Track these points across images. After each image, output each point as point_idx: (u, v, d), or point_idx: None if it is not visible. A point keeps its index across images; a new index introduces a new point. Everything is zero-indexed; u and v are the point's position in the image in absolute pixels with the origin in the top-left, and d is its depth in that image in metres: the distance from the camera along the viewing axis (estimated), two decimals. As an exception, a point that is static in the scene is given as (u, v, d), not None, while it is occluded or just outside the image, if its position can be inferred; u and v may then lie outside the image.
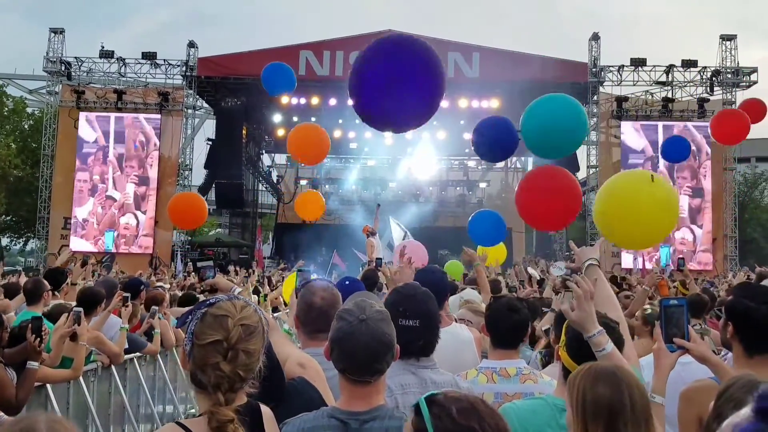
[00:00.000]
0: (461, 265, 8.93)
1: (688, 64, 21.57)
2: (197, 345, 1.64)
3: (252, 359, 1.66)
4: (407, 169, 28.36)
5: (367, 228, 12.26)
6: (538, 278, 8.43)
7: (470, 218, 7.27)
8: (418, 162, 27.03)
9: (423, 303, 2.42)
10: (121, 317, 5.21)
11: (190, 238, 24.89)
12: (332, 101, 22.40)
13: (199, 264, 6.28)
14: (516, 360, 2.83)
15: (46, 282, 5.30)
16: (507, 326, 2.85)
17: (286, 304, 11.20)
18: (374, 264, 8.26)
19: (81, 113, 22.06)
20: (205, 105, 24.91)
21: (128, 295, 5.37)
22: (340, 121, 24.23)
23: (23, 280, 6.81)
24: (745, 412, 0.95)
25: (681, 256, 19.38)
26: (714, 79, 21.49)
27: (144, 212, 22.03)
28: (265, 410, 1.83)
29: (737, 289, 2.33)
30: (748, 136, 9.93)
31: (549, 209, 5.11)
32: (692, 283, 6.80)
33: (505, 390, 2.69)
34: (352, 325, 1.89)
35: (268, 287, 10.41)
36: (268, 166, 29.38)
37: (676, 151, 10.67)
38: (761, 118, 9.73)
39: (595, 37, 22.10)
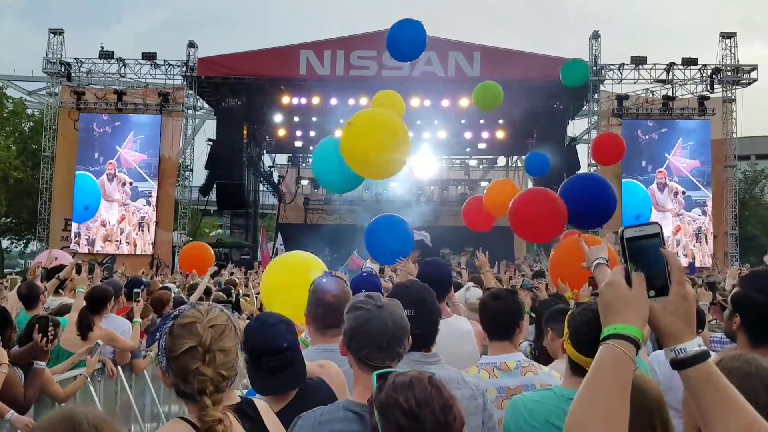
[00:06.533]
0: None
1: (689, 62, 21.59)
2: (172, 358, 1.65)
3: (230, 357, 1.68)
4: (408, 169, 28.35)
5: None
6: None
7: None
8: (419, 161, 27.02)
9: (417, 292, 2.49)
10: (133, 313, 5.26)
11: (191, 239, 24.89)
12: (333, 101, 22.41)
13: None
14: (515, 353, 2.87)
15: (39, 285, 5.33)
16: (493, 315, 2.90)
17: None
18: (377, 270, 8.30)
19: (81, 114, 22.07)
20: (206, 105, 24.91)
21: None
22: (342, 120, 24.17)
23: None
24: None
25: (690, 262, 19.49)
26: (714, 76, 21.51)
27: (144, 214, 22.05)
28: (260, 403, 1.88)
29: (746, 281, 2.34)
30: (749, 134, 10.04)
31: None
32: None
33: (507, 384, 2.73)
34: (371, 312, 1.94)
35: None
36: (269, 167, 29.36)
37: (538, 166, 11.40)
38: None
39: (596, 36, 22.11)
